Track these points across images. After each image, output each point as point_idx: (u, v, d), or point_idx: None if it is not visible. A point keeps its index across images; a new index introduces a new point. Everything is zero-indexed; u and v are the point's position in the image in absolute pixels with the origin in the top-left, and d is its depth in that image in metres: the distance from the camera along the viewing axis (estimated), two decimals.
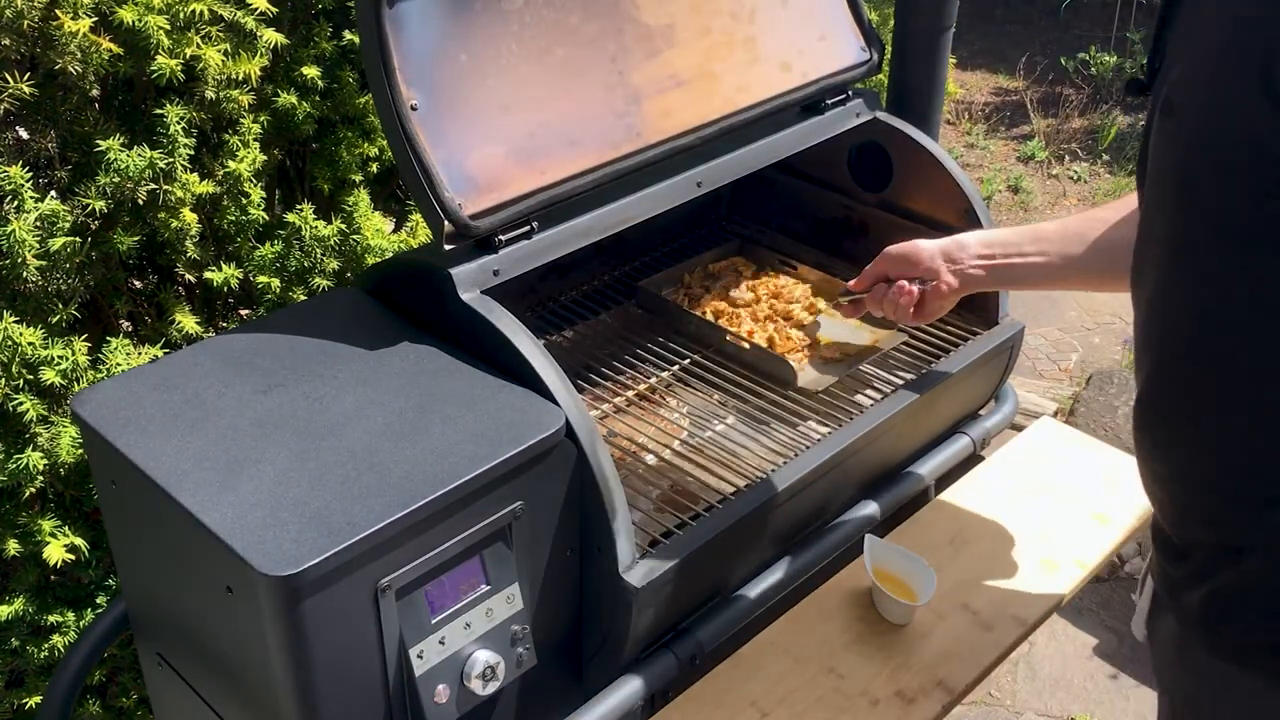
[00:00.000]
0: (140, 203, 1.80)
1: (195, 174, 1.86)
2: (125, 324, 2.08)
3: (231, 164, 1.90)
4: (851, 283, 1.78)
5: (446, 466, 1.29)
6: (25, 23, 1.65)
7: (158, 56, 1.73)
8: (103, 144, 1.73)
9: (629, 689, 1.50)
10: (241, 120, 1.91)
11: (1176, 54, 1.04)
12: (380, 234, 2.07)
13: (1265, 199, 0.96)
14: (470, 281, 1.49)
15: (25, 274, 1.71)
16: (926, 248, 1.68)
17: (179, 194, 1.82)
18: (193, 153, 1.83)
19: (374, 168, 2.18)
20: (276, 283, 2.00)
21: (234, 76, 1.83)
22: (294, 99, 1.98)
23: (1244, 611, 1.12)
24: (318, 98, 2.05)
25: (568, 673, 1.56)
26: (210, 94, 1.82)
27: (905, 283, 1.69)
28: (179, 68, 1.75)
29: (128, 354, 1.84)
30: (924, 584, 1.64)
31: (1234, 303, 1.04)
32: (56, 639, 1.96)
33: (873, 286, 1.75)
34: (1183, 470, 1.17)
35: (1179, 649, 1.22)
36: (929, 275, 1.67)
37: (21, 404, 1.74)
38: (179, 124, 1.78)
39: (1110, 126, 5.56)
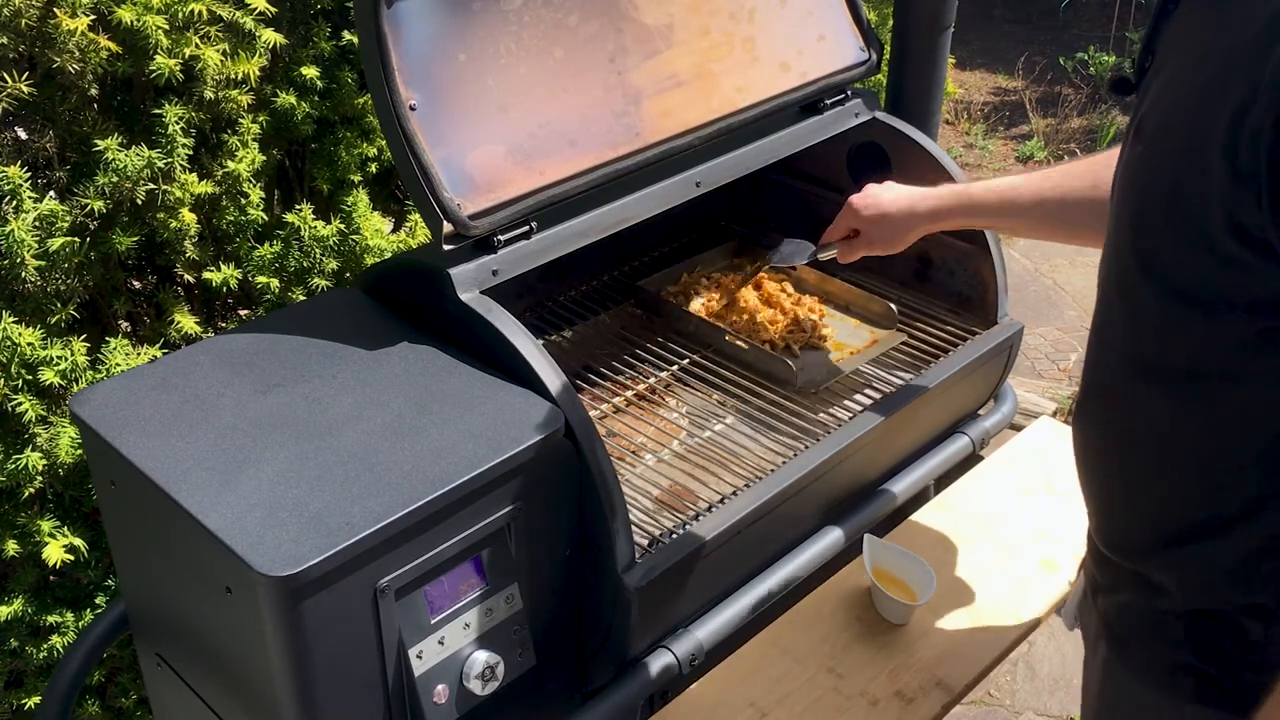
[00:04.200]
0: (139, 203, 1.80)
1: (194, 174, 1.86)
2: (124, 324, 2.08)
3: (230, 164, 1.90)
4: (825, 233, 1.82)
5: (445, 467, 1.29)
6: (23, 21, 1.65)
7: (156, 56, 1.73)
8: (101, 144, 1.73)
9: (628, 689, 1.50)
10: (240, 120, 1.91)
11: (1165, 61, 1.03)
12: (379, 234, 2.07)
13: (1202, 254, 0.94)
14: (469, 281, 1.49)
15: (24, 274, 1.71)
16: (897, 214, 1.72)
17: (178, 194, 1.82)
18: (191, 153, 1.83)
19: (373, 168, 2.18)
20: (275, 283, 2.00)
21: (233, 76, 1.83)
22: (293, 99, 1.98)
23: (1143, 630, 1.14)
24: (316, 98, 2.05)
25: (567, 673, 1.56)
26: (209, 94, 1.82)
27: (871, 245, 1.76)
28: (178, 67, 1.75)
29: (127, 354, 1.84)
30: (923, 584, 1.64)
31: (1157, 351, 1.04)
32: (56, 639, 1.96)
33: (845, 239, 1.79)
34: (1099, 491, 1.19)
35: (1094, 647, 1.24)
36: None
37: (20, 404, 1.74)
38: (178, 124, 1.78)
39: (1109, 126, 5.56)
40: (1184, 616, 1.09)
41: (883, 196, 1.74)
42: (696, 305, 2.00)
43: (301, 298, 2.02)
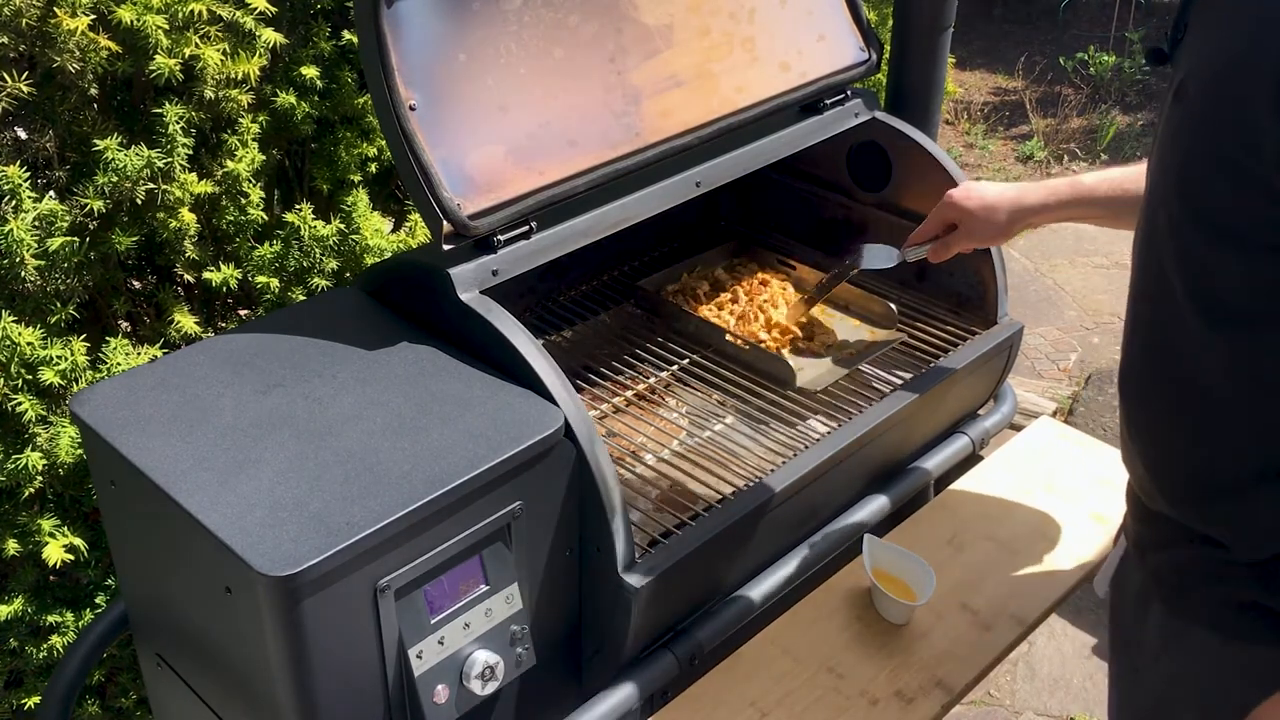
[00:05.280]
0: (139, 202, 1.80)
1: (194, 174, 1.86)
2: (124, 324, 2.08)
3: (230, 164, 1.90)
4: (915, 233, 1.78)
5: (445, 466, 1.29)
6: (23, 21, 1.65)
7: (156, 56, 1.73)
8: (100, 143, 1.73)
9: (628, 689, 1.50)
10: (240, 120, 1.91)
11: (1197, 32, 1.06)
12: (379, 234, 2.07)
13: (1261, 202, 0.98)
14: (469, 281, 1.49)
15: (24, 274, 1.71)
16: (1001, 209, 1.70)
17: (177, 194, 1.82)
18: (191, 152, 1.83)
19: (373, 168, 2.18)
20: (275, 283, 2.00)
21: (233, 76, 1.83)
22: (293, 99, 1.98)
23: (1198, 581, 1.16)
24: (316, 98, 2.05)
25: (567, 673, 1.56)
26: (209, 94, 1.82)
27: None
28: (178, 67, 1.75)
29: (127, 354, 1.84)
30: (923, 584, 1.64)
31: (1211, 300, 1.06)
32: (55, 639, 1.96)
33: (937, 237, 1.77)
34: (1149, 456, 1.20)
35: (1142, 603, 1.25)
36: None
37: (20, 404, 1.74)
38: (177, 123, 1.78)
39: (1109, 126, 5.56)
40: (1244, 564, 1.11)
41: (986, 189, 1.72)
42: (696, 305, 1.99)
43: (301, 298, 2.02)
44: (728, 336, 1.89)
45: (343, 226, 2.02)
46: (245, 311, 2.20)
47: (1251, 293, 1.02)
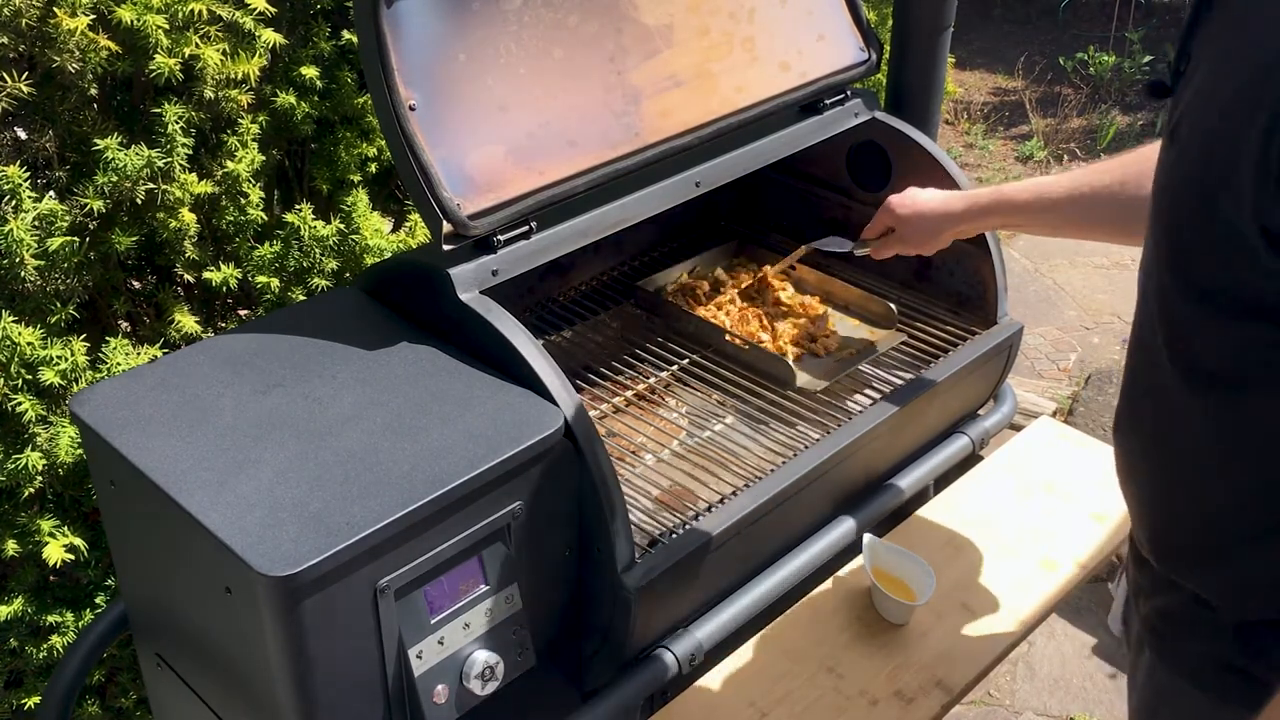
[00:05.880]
0: (139, 202, 1.80)
1: (194, 174, 1.86)
2: (124, 324, 2.08)
3: (230, 164, 1.90)
4: (864, 230, 1.84)
5: (445, 467, 1.29)
6: (23, 21, 1.65)
7: (156, 56, 1.73)
8: (100, 143, 1.73)
9: (628, 689, 1.50)
10: (240, 120, 1.91)
11: (1199, 66, 1.02)
12: (379, 234, 2.07)
13: (1235, 259, 0.94)
14: (469, 281, 1.49)
15: (24, 274, 1.71)
16: (932, 214, 1.73)
17: (177, 194, 1.82)
18: (191, 153, 1.83)
19: (373, 168, 2.18)
20: (275, 283, 2.00)
21: (232, 76, 1.83)
22: (292, 99, 1.98)
23: (1185, 633, 1.14)
24: (316, 98, 2.05)
25: (567, 673, 1.56)
26: (209, 94, 1.82)
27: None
28: (177, 67, 1.75)
29: (126, 354, 1.84)
30: (923, 584, 1.64)
31: (1191, 356, 1.03)
32: (55, 639, 1.96)
33: (881, 236, 1.82)
34: (1138, 496, 1.19)
35: (1139, 648, 1.24)
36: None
37: (20, 404, 1.74)
38: (177, 123, 1.78)
39: (1109, 126, 5.56)
40: (1230, 625, 1.09)
41: (919, 196, 1.75)
42: (696, 305, 1.99)
43: (301, 298, 2.02)
44: (727, 336, 1.89)
45: (342, 226, 2.02)
46: (245, 311, 2.20)
47: (1232, 357, 0.99)
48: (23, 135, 1.82)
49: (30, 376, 1.74)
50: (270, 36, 1.85)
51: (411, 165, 1.43)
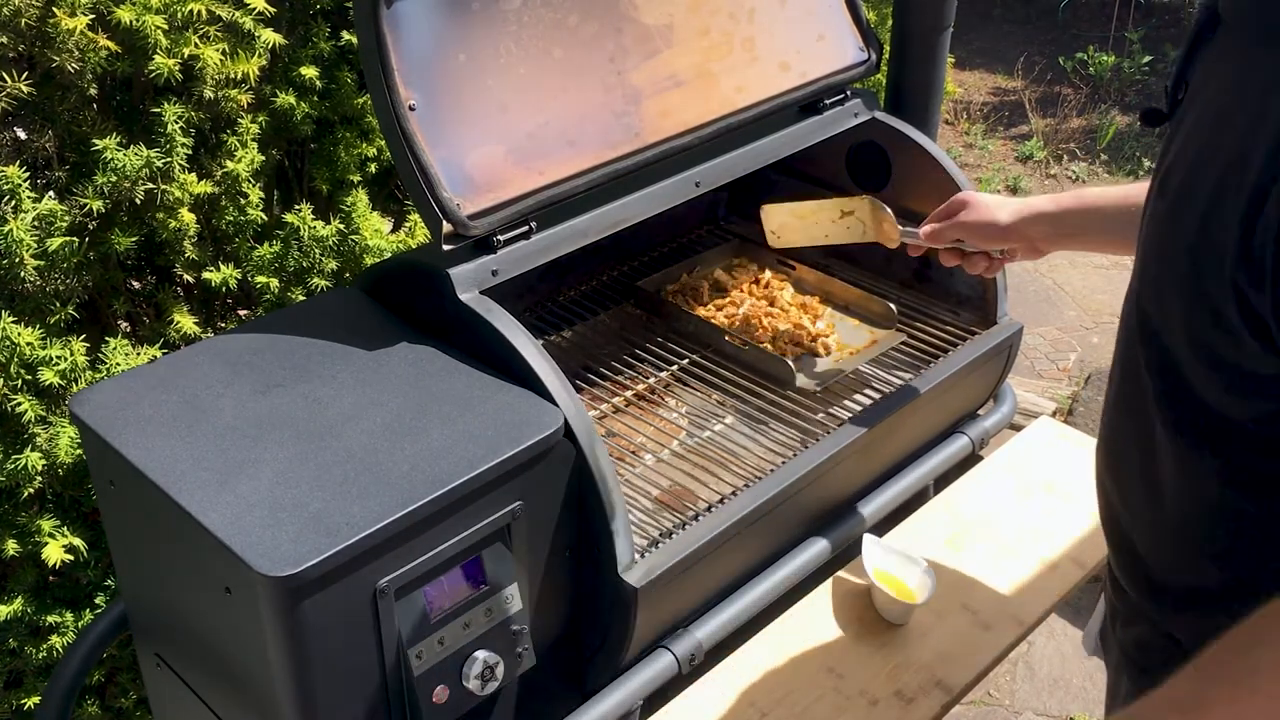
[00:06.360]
0: (138, 202, 1.80)
1: (193, 174, 1.85)
2: (124, 324, 2.08)
3: (230, 164, 1.90)
4: (924, 232, 1.70)
5: (445, 467, 1.29)
6: (23, 20, 1.65)
7: (156, 56, 1.73)
8: (100, 143, 1.73)
9: (628, 689, 1.50)
10: (240, 120, 1.91)
11: (1194, 101, 1.00)
12: (379, 234, 2.07)
13: (1210, 320, 0.93)
14: (469, 282, 1.49)
15: (23, 274, 1.71)
16: (1002, 223, 1.62)
17: (177, 194, 1.82)
18: (191, 153, 1.83)
19: (372, 168, 2.18)
20: (275, 283, 1.99)
21: (232, 76, 1.83)
22: (292, 99, 1.98)
23: (1158, 665, 1.13)
24: (316, 98, 2.05)
25: (567, 673, 1.56)
26: (208, 94, 1.82)
27: (982, 258, 1.67)
28: (177, 67, 1.75)
29: (126, 354, 1.84)
30: (923, 584, 1.64)
31: (1165, 405, 1.02)
32: (55, 639, 1.96)
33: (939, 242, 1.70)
34: (1113, 526, 1.18)
35: (1117, 672, 1.23)
36: (1005, 246, 1.65)
37: (20, 404, 1.74)
38: (177, 123, 1.78)
39: (1109, 126, 5.56)
40: None
41: (993, 207, 1.64)
42: (696, 305, 1.99)
43: (301, 298, 2.02)
44: (727, 337, 1.88)
45: (342, 227, 2.02)
46: (245, 311, 2.20)
47: (1219, 408, 0.98)
48: (22, 135, 1.82)
49: (30, 377, 1.74)
50: (270, 36, 1.85)
51: (411, 165, 1.43)
